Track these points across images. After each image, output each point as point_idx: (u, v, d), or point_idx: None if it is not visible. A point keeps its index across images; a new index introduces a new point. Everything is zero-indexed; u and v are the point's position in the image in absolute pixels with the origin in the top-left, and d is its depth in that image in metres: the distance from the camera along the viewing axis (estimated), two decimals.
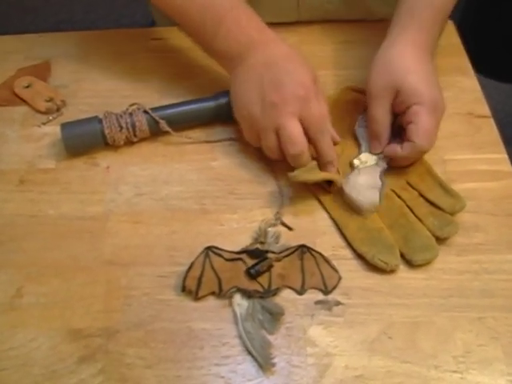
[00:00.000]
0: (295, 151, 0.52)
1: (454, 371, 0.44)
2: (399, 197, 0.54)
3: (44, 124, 0.62)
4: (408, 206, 0.53)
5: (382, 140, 0.56)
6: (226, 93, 0.58)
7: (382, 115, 0.55)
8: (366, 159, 0.56)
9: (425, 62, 0.55)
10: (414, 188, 0.54)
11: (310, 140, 0.53)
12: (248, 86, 0.54)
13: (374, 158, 0.56)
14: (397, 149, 0.54)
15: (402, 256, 0.50)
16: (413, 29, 0.56)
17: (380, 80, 0.55)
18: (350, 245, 0.51)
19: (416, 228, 0.51)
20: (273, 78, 0.52)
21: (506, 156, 0.57)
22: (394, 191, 0.54)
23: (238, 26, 0.55)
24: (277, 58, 0.54)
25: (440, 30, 0.59)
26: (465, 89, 0.64)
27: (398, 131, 0.55)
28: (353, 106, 0.61)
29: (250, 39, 0.55)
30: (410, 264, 0.49)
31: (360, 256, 0.50)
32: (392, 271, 0.49)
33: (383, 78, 0.55)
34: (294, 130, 0.51)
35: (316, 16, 0.71)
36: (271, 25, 0.57)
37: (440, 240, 0.50)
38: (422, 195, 0.53)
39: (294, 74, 0.53)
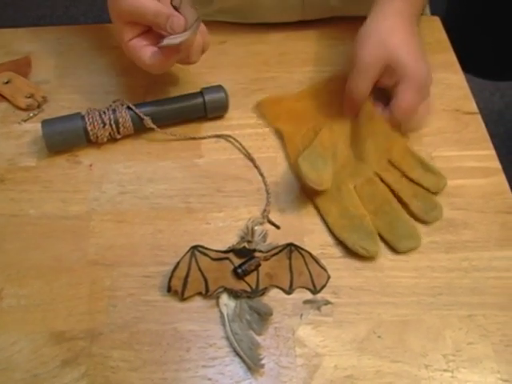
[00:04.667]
0: None
1: (445, 370, 0.43)
2: (382, 180, 0.53)
3: (24, 121, 0.60)
4: (392, 190, 0.53)
5: (356, 110, 0.57)
6: (212, 88, 0.57)
7: (366, 88, 0.55)
8: None
9: (414, 34, 0.56)
10: (396, 167, 0.54)
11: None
12: None
13: None
14: (378, 108, 0.56)
15: (387, 243, 0.50)
16: None
17: (370, 54, 0.54)
18: (330, 231, 0.51)
19: (400, 215, 0.51)
20: None
21: (493, 152, 0.57)
22: (377, 174, 0.54)
23: None
24: None
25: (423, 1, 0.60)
26: (452, 85, 0.64)
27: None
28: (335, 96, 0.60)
29: None
30: (394, 251, 0.49)
31: (341, 243, 0.50)
32: (372, 258, 0.49)
33: (374, 52, 0.54)
34: None
35: (320, 15, 0.70)
36: (271, 25, 0.55)
37: (426, 223, 0.51)
38: (405, 175, 0.53)
39: None
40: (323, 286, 0.48)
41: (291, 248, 0.49)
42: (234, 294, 0.46)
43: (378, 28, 0.55)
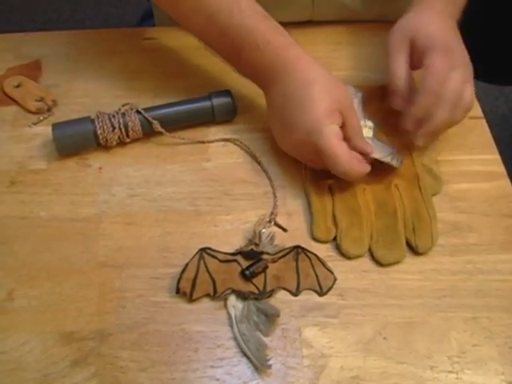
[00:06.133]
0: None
1: (450, 371, 0.44)
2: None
3: (35, 124, 0.61)
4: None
5: (401, 95, 0.54)
6: (220, 93, 0.58)
7: (399, 67, 0.54)
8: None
9: (442, 19, 0.55)
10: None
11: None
12: (273, 120, 0.55)
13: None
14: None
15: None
16: None
17: (396, 35, 0.55)
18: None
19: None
20: (286, 117, 0.52)
21: (498, 157, 0.58)
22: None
23: (257, 52, 0.53)
24: (293, 89, 0.52)
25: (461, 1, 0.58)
26: None
27: None
28: None
29: (270, 64, 0.53)
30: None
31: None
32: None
33: (399, 32, 0.55)
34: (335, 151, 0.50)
35: (331, 15, 0.70)
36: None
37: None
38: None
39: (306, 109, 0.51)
40: (330, 288, 0.48)
41: (298, 250, 0.49)
42: (242, 296, 0.47)
43: (406, 17, 0.56)
